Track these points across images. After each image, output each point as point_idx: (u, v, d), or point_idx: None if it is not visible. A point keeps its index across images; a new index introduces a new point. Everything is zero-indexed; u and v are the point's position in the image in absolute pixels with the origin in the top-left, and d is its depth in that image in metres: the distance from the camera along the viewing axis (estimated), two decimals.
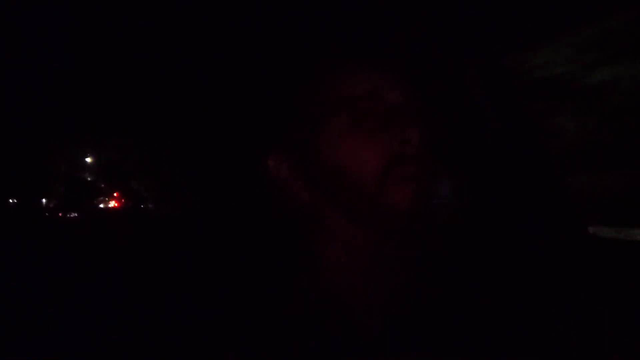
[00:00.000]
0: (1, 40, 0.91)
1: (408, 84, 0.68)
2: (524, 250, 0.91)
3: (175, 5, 0.88)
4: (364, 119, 0.63)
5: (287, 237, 0.72)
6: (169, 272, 1.37)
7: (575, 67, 0.96)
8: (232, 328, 0.59)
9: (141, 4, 0.78)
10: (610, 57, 0.95)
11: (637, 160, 0.95)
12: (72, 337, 1.34)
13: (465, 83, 1.00)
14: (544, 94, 0.98)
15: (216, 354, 0.58)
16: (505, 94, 0.98)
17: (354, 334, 0.58)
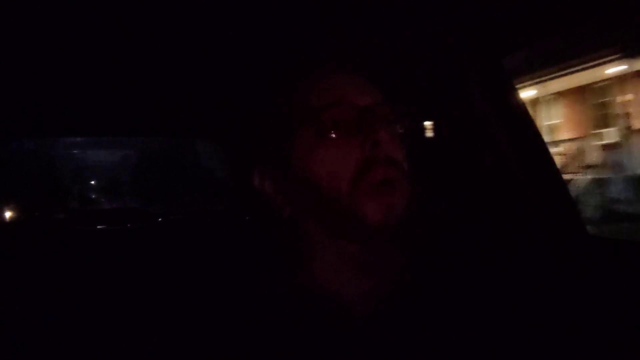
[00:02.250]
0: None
1: (380, 86, 0.66)
2: (524, 251, 0.90)
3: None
4: (332, 127, 0.60)
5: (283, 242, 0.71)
6: (167, 273, 1.37)
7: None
8: (231, 328, 0.58)
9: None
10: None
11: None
12: (72, 337, 1.34)
13: (463, 83, 1.00)
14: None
15: (216, 354, 0.57)
16: (502, 92, 0.98)
17: (352, 334, 0.58)
